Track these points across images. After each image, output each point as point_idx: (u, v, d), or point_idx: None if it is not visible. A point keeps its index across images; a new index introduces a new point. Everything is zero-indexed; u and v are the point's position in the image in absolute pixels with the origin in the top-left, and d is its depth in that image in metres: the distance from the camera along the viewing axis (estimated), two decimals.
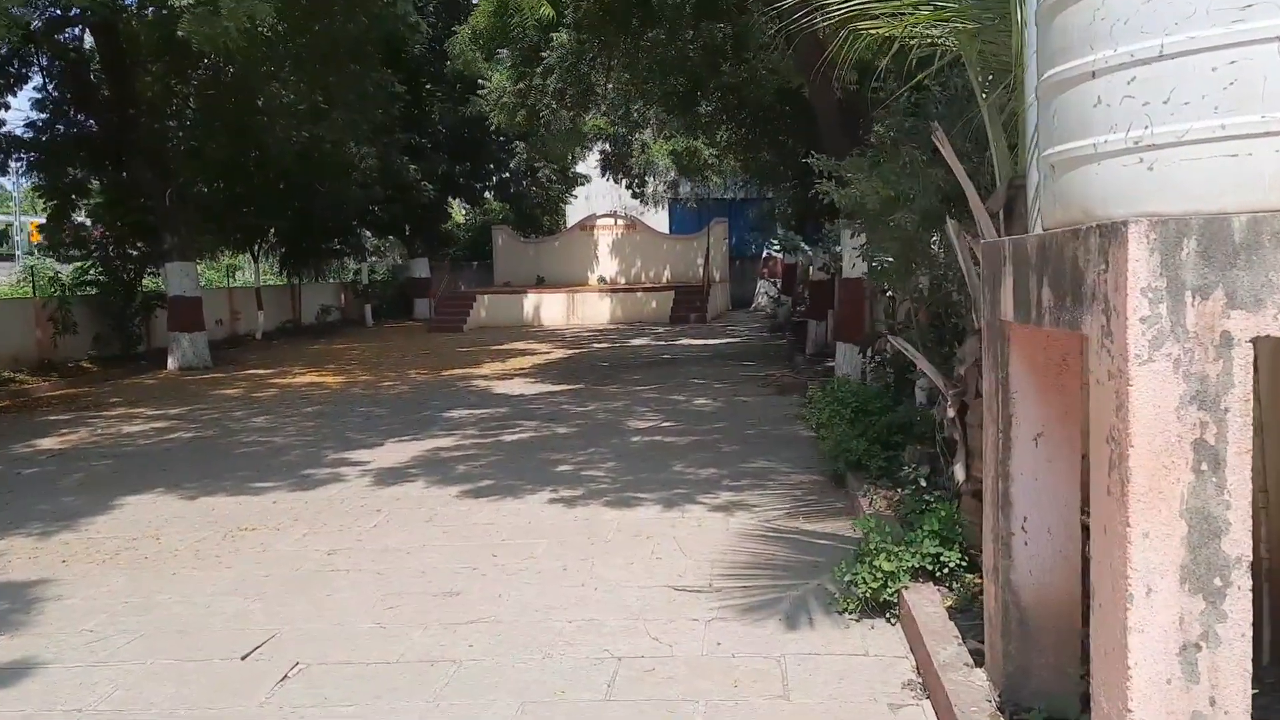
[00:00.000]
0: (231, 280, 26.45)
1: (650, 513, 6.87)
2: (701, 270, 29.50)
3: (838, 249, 13.82)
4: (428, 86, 28.83)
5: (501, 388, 14.66)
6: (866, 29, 4.52)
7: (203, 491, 8.14)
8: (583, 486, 7.73)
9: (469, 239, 38.01)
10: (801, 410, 10.25)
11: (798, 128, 15.83)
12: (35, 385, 16.01)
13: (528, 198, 32.73)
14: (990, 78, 4.52)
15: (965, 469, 4.49)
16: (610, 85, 14.39)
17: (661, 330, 24.46)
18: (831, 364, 13.81)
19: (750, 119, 15.28)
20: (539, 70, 12.19)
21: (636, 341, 21.71)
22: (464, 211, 41.33)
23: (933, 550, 4.47)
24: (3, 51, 18.48)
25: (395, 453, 9.60)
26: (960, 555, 4.46)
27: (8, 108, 19.81)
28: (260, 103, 18.11)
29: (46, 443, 11.07)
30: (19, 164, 19.99)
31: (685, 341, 21.23)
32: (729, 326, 25.24)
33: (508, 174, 32.27)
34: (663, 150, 21.27)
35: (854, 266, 9.26)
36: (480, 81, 15.24)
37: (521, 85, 12.66)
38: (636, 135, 18.49)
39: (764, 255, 30.10)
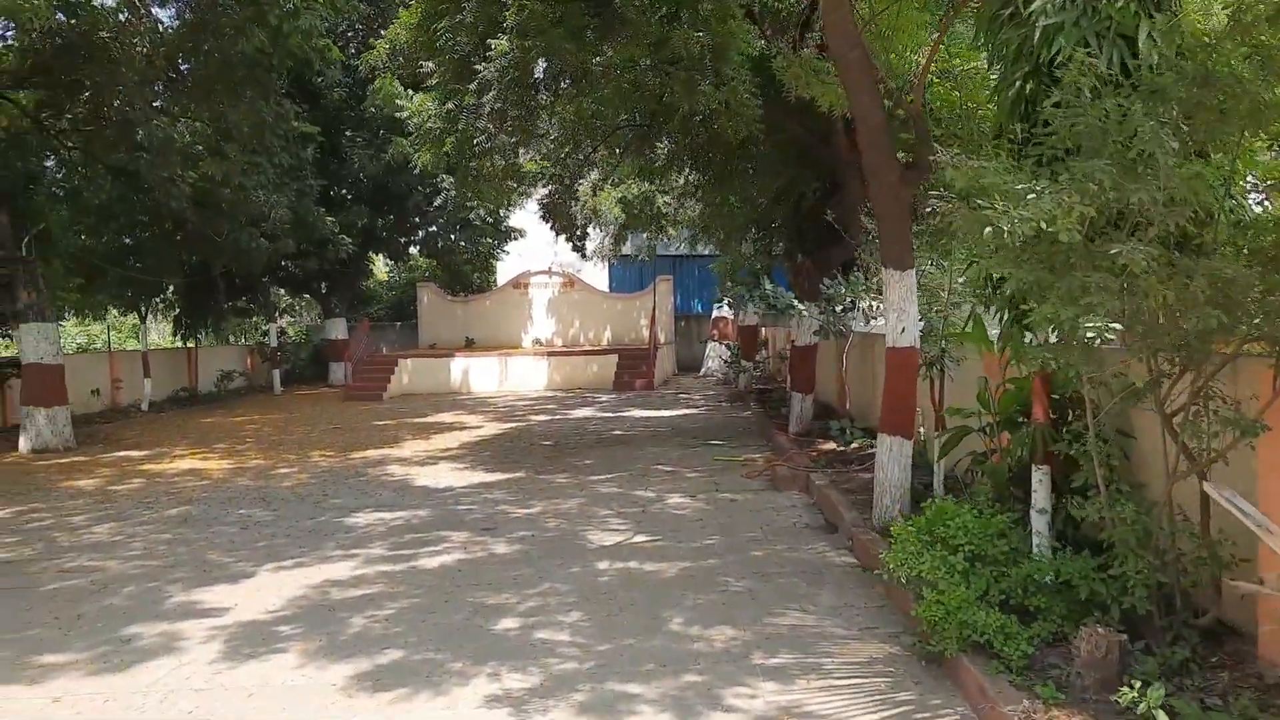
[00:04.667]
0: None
1: None
2: (646, 332, 27.16)
3: (840, 309, 11.55)
4: (347, 133, 26.25)
5: (423, 477, 11.94)
6: None
7: None
8: (538, 668, 5.11)
9: (392, 298, 35.17)
10: (878, 552, 7.80)
11: (771, 168, 13.67)
12: None
13: (457, 252, 30.04)
14: None
15: None
16: (555, 115, 12.02)
17: (605, 399, 21.92)
18: (829, 447, 11.47)
19: (722, 157, 13.03)
20: (473, 87, 9.79)
21: (580, 413, 19.13)
22: (387, 268, 38.48)
23: None
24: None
25: (268, 591, 6.86)
26: None
27: None
28: (140, 135, 15.30)
29: None
30: None
31: (635, 413, 18.72)
32: (680, 394, 22.80)
33: (435, 227, 29.65)
34: (611, 198, 18.95)
35: (903, 331, 6.92)
36: (399, 103, 12.75)
37: (451, 105, 10.22)
38: (583, 179, 16.16)
39: (714, 315, 27.85)
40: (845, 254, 13.17)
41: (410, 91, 15.06)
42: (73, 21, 14.66)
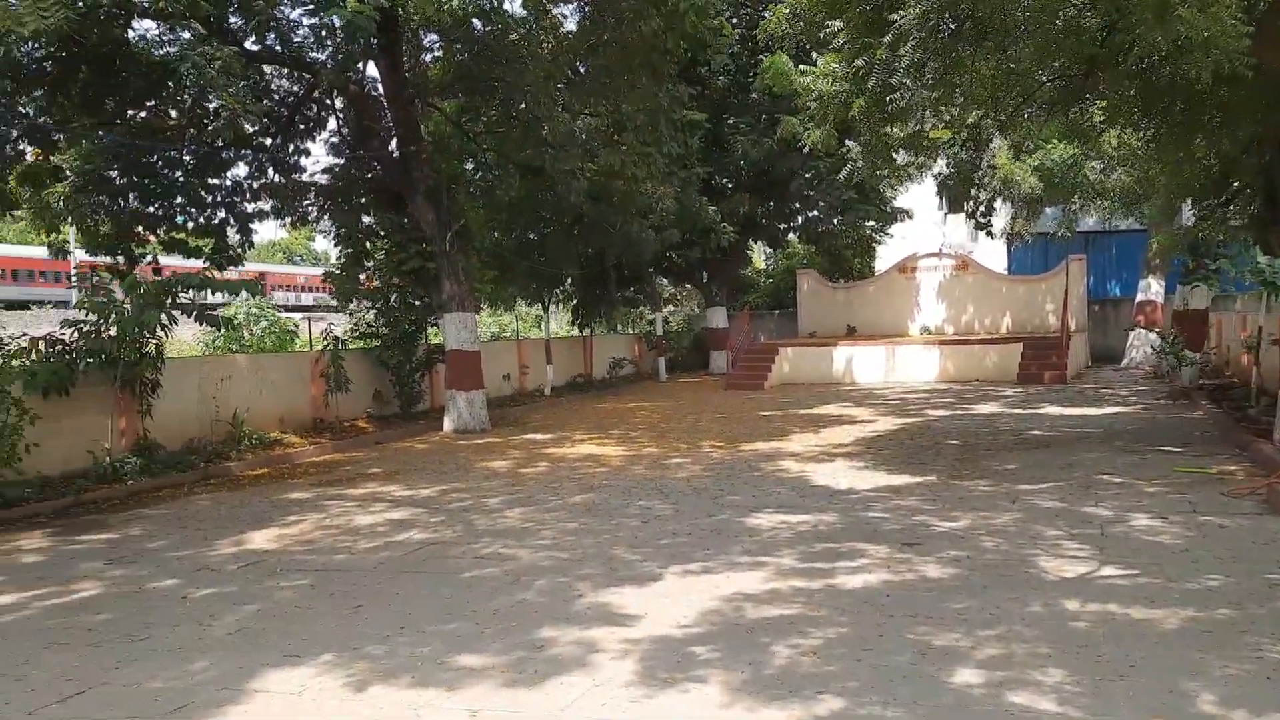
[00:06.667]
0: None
1: None
2: (1054, 318, 24.29)
3: None
4: (730, 120, 26.14)
5: (821, 475, 11.04)
6: None
7: (380, 670, 5.20)
8: None
9: (770, 285, 34.91)
10: None
11: (1240, 116, 11.08)
12: (300, 449, 14.50)
13: (838, 236, 28.91)
14: None
15: None
16: (974, 71, 10.49)
17: (1010, 393, 19.71)
18: None
19: (1182, 106, 10.73)
20: (886, 40, 8.66)
21: (984, 408, 17.25)
22: (764, 256, 38.33)
23: None
24: (299, 94, 17.82)
25: (677, 598, 6.27)
26: None
27: (308, 153, 19.29)
28: (545, 131, 15.90)
29: (260, 538, 8.87)
30: (313, 211, 19.16)
31: (1052, 409, 16.49)
32: (1101, 389, 19.92)
33: (815, 212, 28.74)
34: (1027, 166, 16.78)
35: None
36: (792, 76, 11.91)
37: (861, 62, 9.16)
38: (997, 143, 14.31)
39: (1138, 299, 24.24)
40: None
41: (801, 66, 14.19)
42: (487, 28, 15.54)
